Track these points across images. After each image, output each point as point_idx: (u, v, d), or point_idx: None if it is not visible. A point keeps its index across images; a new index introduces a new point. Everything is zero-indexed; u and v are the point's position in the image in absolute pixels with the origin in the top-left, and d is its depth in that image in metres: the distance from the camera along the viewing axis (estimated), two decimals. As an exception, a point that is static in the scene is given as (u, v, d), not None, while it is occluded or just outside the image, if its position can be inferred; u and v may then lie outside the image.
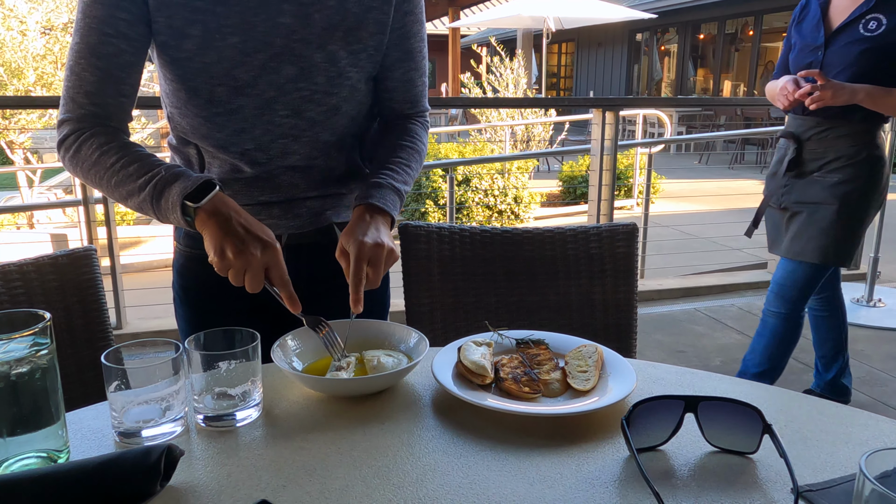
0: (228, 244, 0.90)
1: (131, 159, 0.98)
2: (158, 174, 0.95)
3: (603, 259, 1.50)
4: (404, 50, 1.14)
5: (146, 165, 0.97)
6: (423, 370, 0.99)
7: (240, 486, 0.72)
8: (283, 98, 1.05)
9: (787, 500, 0.70)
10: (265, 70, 1.03)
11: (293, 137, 1.08)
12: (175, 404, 0.82)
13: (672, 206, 6.88)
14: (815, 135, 2.31)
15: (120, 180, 0.98)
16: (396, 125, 1.21)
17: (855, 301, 3.87)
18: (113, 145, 1.00)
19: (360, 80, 1.10)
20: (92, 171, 1.00)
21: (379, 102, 1.20)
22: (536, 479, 0.74)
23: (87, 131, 1.01)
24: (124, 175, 0.97)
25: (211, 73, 1.02)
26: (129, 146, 1.01)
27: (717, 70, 14.83)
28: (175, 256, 1.24)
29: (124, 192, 0.98)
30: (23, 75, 7.93)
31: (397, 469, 0.76)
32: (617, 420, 0.86)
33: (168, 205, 0.94)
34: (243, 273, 0.90)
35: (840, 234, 2.30)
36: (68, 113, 1.02)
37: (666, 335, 3.49)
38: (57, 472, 0.67)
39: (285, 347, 0.99)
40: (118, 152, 0.99)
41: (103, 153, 0.99)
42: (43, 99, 7.08)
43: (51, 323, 0.75)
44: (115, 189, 0.99)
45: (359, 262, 0.97)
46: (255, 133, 1.07)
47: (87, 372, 1.27)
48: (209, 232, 0.92)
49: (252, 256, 0.90)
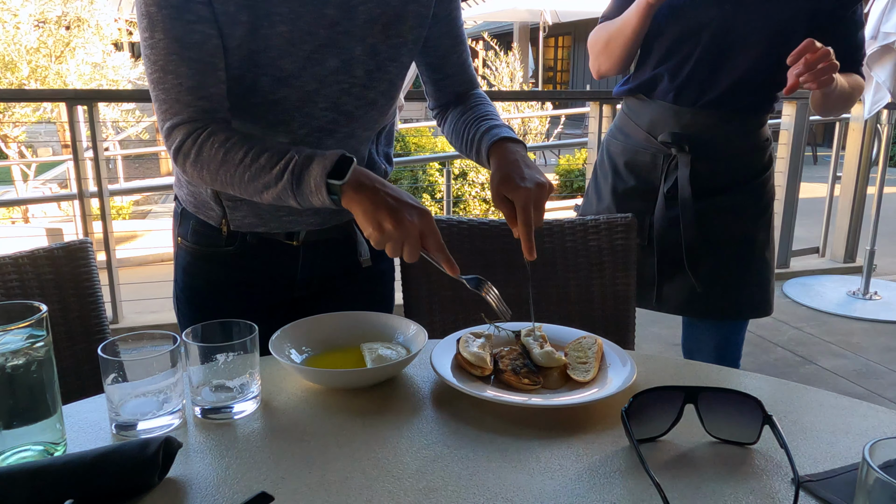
0: (384, 216, 0.87)
1: (259, 150, 0.93)
2: (292, 159, 0.92)
3: (601, 252, 1.49)
4: (454, 36, 1.15)
5: (276, 153, 0.93)
6: (422, 362, 0.99)
7: (239, 478, 0.72)
8: (324, 91, 1.04)
9: (787, 490, 0.70)
10: (310, 61, 1.01)
11: (329, 132, 1.07)
12: (173, 397, 0.82)
13: (669, 200, 6.87)
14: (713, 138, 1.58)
15: (254, 174, 0.93)
16: (459, 101, 1.21)
17: (851, 294, 3.89)
18: (235, 140, 0.95)
19: (398, 76, 1.09)
20: (221, 170, 0.95)
21: (438, 91, 1.21)
22: (537, 469, 0.74)
23: (202, 131, 0.95)
24: (257, 168, 0.93)
25: (256, 61, 0.99)
26: (249, 138, 0.96)
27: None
28: (179, 254, 1.21)
29: (260, 185, 0.94)
30: (16, 68, 7.88)
31: (397, 460, 0.75)
32: (617, 411, 0.85)
33: (310, 188, 0.91)
34: (402, 243, 0.88)
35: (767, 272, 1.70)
36: (177, 116, 0.96)
37: (663, 328, 3.49)
38: (54, 464, 0.67)
39: (283, 339, 0.98)
40: (243, 146, 0.94)
41: (228, 150, 0.94)
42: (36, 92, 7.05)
43: (47, 315, 0.74)
44: (248, 184, 0.94)
45: (527, 209, 0.96)
46: (293, 126, 1.05)
47: (83, 365, 1.27)
48: (360, 207, 0.89)
49: (410, 225, 0.87)
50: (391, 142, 1.23)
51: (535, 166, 1.02)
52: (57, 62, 8.14)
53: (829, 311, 3.68)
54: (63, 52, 8.19)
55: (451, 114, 1.21)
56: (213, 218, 1.14)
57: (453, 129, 1.18)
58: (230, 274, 1.17)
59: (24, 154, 8.62)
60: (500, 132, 1.07)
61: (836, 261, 4.45)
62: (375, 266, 1.23)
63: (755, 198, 1.65)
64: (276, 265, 1.18)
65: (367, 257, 1.16)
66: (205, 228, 1.15)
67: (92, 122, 3.13)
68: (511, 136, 1.07)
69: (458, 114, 1.18)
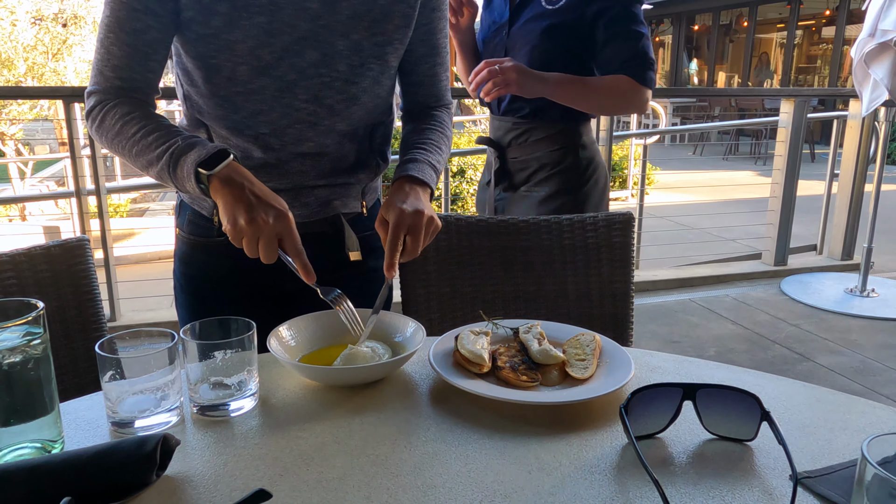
0: (240, 212, 0.89)
1: (151, 129, 0.98)
2: (175, 143, 0.95)
3: (599, 249, 1.49)
4: (430, 45, 1.16)
5: (165, 135, 0.97)
6: (420, 359, 0.99)
7: (236, 475, 0.72)
8: (304, 82, 1.05)
9: (785, 487, 0.70)
10: (288, 52, 1.02)
11: (310, 124, 1.08)
12: (170, 394, 0.82)
13: (666, 198, 6.88)
14: (515, 139, 1.85)
15: (140, 150, 0.98)
16: (422, 115, 1.22)
17: (849, 291, 3.89)
18: (135, 115, 1.00)
19: (381, 73, 1.10)
20: (115, 140, 1.01)
21: (404, 96, 1.22)
22: (535, 466, 0.74)
23: (110, 102, 1.02)
24: (144, 145, 0.98)
25: (235, 51, 1.01)
26: (150, 116, 1.01)
27: (711, 61, 14.82)
28: (177, 244, 1.24)
29: (144, 161, 0.98)
30: (13, 66, 7.87)
31: (395, 457, 0.75)
32: (615, 408, 0.85)
33: (183, 173, 0.94)
34: (256, 241, 0.89)
35: None
36: (96, 85, 1.03)
37: (660, 325, 3.50)
38: (52, 461, 0.67)
39: (281, 337, 0.98)
40: (139, 122, 0.99)
41: (125, 123, 1.00)
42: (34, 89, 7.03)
43: (44, 312, 0.74)
44: (135, 158, 0.99)
45: (396, 229, 0.97)
46: (273, 116, 1.06)
47: (80, 363, 1.26)
48: (221, 200, 0.91)
49: (264, 224, 0.89)
50: (388, 140, 1.23)
51: (427, 203, 1.04)
52: (54, 60, 8.12)
53: (826, 308, 3.69)
54: (60, 49, 8.18)
55: (406, 126, 1.23)
56: (206, 209, 1.16)
57: (399, 147, 1.20)
58: (224, 264, 1.17)
59: (21, 152, 8.60)
60: (411, 168, 1.08)
61: (833, 258, 4.46)
62: (368, 262, 1.23)
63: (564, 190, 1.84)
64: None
65: (357, 251, 1.16)
66: (199, 219, 1.18)
67: (89, 119, 3.12)
68: (418, 177, 1.07)
69: (408, 132, 1.20)
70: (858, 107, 4.06)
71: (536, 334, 0.99)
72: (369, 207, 1.24)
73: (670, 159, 9.91)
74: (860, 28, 3.36)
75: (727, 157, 10.44)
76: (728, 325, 3.50)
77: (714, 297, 3.90)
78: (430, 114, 1.23)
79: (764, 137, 10.03)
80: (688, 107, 12.00)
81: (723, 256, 4.77)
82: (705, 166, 9.67)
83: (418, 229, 0.99)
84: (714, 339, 3.34)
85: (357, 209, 1.21)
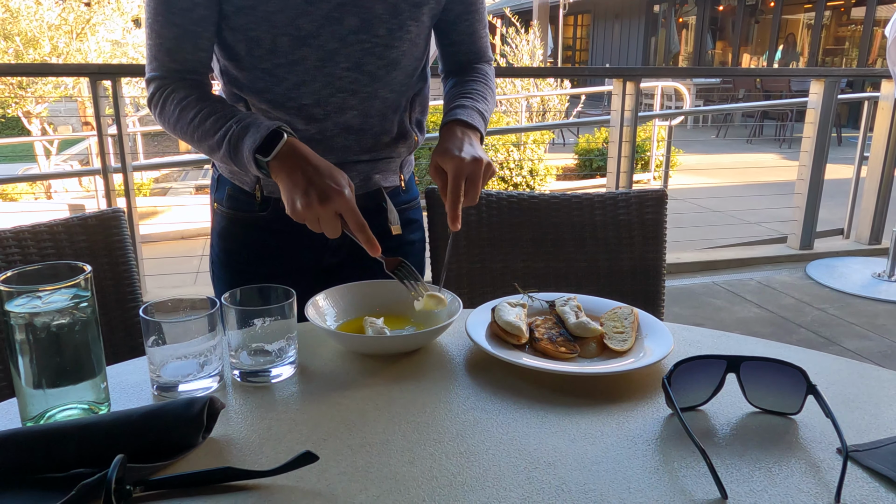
0: (297, 195, 0.89)
1: (207, 113, 0.98)
2: (230, 129, 0.95)
3: (631, 226, 1.48)
4: (466, 3, 1.15)
5: (220, 119, 0.97)
6: (456, 331, 0.99)
7: (281, 438, 0.73)
8: (345, 50, 1.04)
9: (832, 460, 0.70)
10: (328, 20, 1.01)
11: (352, 92, 1.07)
12: (212, 359, 0.82)
13: (690, 180, 6.81)
14: None
15: (200, 136, 0.99)
16: (464, 70, 1.21)
17: (876, 276, 3.83)
18: (191, 99, 1.00)
19: (419, 35, 1.09)
20: (177, 126, 1.02)
21: (445, 57, 1.21)
22: (577, 435, 0.74)
23: (168, 87, 1.02)
24: (203, 131, 0.98)
25: (274, 21, 1.00)
26: (206, 98, 1.01)
27: (735, 43, 14.56)
28: (215, 219, 1.23)
29: (206, 147, 0.99)
30: (38, 45, 7.93)
31: (436, 424, 0.75)
32: (655, 381, 0.85)
33: (244, 160, 0.94)
34: (317, 222, 0.89)
35: None
36: (153, 71, 1.04)
37: (684, 308, 3.47)
38: (102, 420, 0.68)
39: (318, 306, 0.98)
40: (196, 106, 0.99)
41: (183, 108, 1.00)
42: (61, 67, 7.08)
43: (91, 276, 0.75)
44: (198, 144, 1.00)
45: (457, 179, 0.95)
46: (315, 86, 1.06)
47: (117, 333, 1.28)
48: (280, 183, 0.92)
49: (321, 206, 0.88)
50: (425, 110, 1.22)
51: (481, 149, 1.01)
52: (78, 39, 8.17)
53: (853, 292, 3.64)
54: (84, 28, 8.22)
55: (448, 83, 1.21)
56: (248, 183, 1.15)
57: (444, 100, 1.18)
58: (264, 238, 1.17)
59: (47, 131, 8.69)
60: (458, 113, 1.06)
61: (861, 242, 4.39)
62: (405, 235, 1.23)
63: None
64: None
65: (398, 224, 1.16)
66: (240, 194, 1.17)
67: (115, 96, 3.14)
68: (467, 121, 1.05)
69: (451, 85, 1.19)
70: (891, 87, 3.97)
71: (573, 307, 0.98)
72: (406, 181, 1.24)
73: (693, 141, 9.78)
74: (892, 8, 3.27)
75: (751, 140, 10.28)
76: (753, 309, 3.47)
77: (738, 280, 3.86)
78: (472, 68, 1.21)
79: (790, 120, 9.86)
80: (711, 88, 11.82)
81: (747, 240, 4.71)
82: (729, 149, 9.53)
83: (477, 177, 0.97)
84: (738, 322, 3.31)
85: (396, 183, 1.21)
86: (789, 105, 8.59)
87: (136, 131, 7.89)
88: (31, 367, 0.72)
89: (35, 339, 0.71)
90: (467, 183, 0.96)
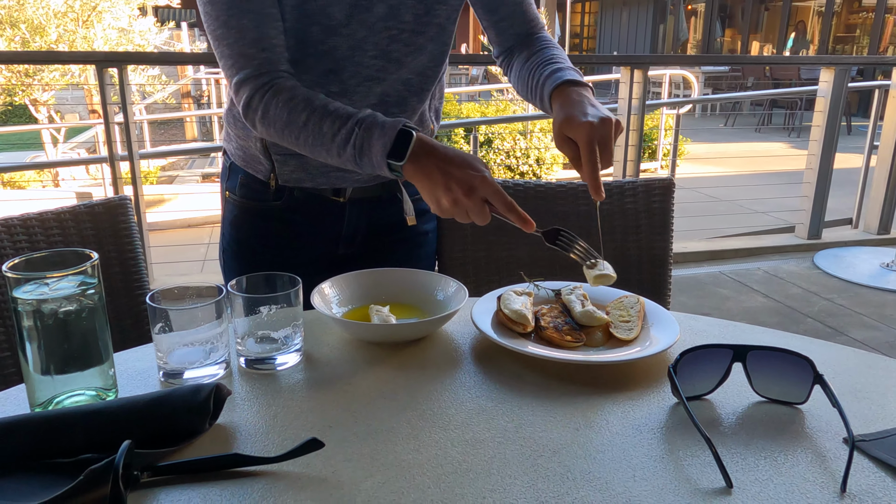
0: (440, 193, 0.87)
1: (321, 115, 0.93)
2: (353, 133, 0.91)
3: (638, 214, 1.47)
4: None
5: (336, 121, 0.93)
6: (462, 319, 0.99)
7: (287, 426, 0.73)
8: (373, 38, 1.03)
9: (838, 450, 0.69)
10: (357, 8, 1.00)
11: (378, 80, 1.06)
12: (219, 346, 0.83)
13: (697, 169, 6.77)
14: None
15: (317, 141, 0.94)
16: (524, 45, 1.16)
17: (885, 266, 3.81)
18: (298, 101, 0.94)
19: (447, 19, 1.08)
20: (286, 131, 0.96)
21: (497, 36, 1.18)
22: (583, 424, 0.74)
23: (268, 88, 0.96)
24: (320, 136, 0.93)
25: (306, 11, 0.99)
26: (312, 99, 0.95)
27: (745, 30, 14.42)
28: (226, 208, 1.22)
29: (323, 151, 0.95)
30: (44, 32, 7.92)
31: (442, 413, 0.76)
32: (660, 370, 0.85)
33: (372, 164, 0.91)
34: (465, 215, 0.88)
35: None
36: (242, 70, 0.96)
37: (691, 297, 3.47)
38: (109, 407, 0.68)
39: (324, 294, 0.98)
40: (305, 108, 0.94)
41: (291, 110, 0.94)
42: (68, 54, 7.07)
43: (98, 262, 0.75)
44: (312, 148, 0.96)
45: (590, 146, 0.90)
46: (343, 76, 1.04)
47: (124, 320, 1.29)
48: (418, 184, 0.89)
49: (466, 199, 0.86)
50: (442, 97, 1.21)
51: (601, 106, 0.96)
52: (84, 27, 8.16)
53: (861, 282, 3.62)
54: (90, 16, 8.21)
55: (516, 60, 1.16)
56: (262, 172, 1.14)
57: (518, 76, 1.14)
58: (276, 228, 1.17)
59: (54, 118, 8.70)
60: (563, 75, 1.02)
61: (869, 232, 4.36)
62: (419, 226, 1.22)
63: None
64: (322, 221, 1.18)
65: (412, 215, 1.16)
66: (253, 182, 1.16)
67: (122, 84, 3.14)
68: (576, 79, 1.01)
69: (523, 59, 1.14)
70: (902, 76, 3.93)
71: (579, 296, 0.98)
72: None
73: (701, 130, 9.72)
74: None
75: (759, 129, 10.21)
76: (759, 298, 3.46)
77: (745, 269, 3.85)
78: (532, 39, 1.16)
79: (799, 108, 9.77)
80: (720, 77, 11.73)
81: (754, 229, 4.69)
82: (737, 138, 9.47)
83: (608, 139, 0.91)
84: (745, 311, 3.30)
85: None
86: (798, 93, 8.51)
87: (142, 119, 7.89)
88: (39, 354, 0.72)
89: (43, 325, 0.71)
90: (599, 147, 0.91)
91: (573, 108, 0.95)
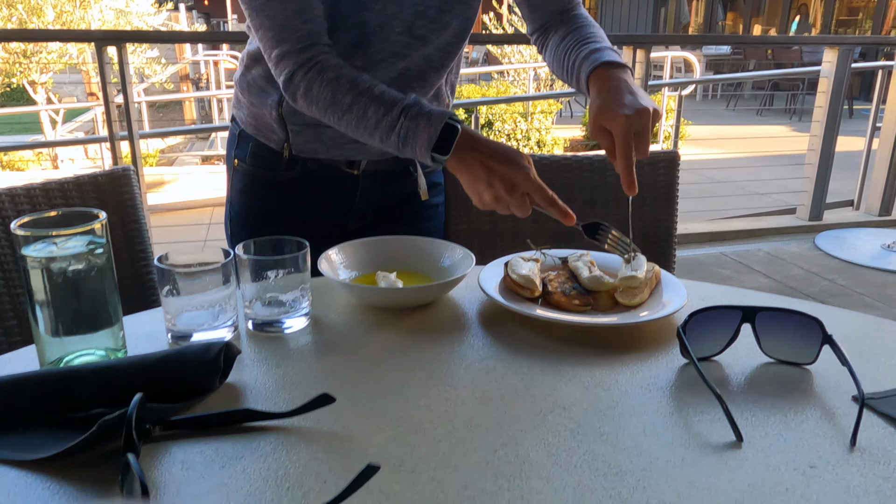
0: (482, 188, 0.87)
1: (368, 99, 0.93)
2: (398, 121, 0.91)
3: (643, 187, 1.46)
4: None
5: (381, 106, 0.92)
6: (468, 286, 0.98)
7: (297, 384, 0.73)
8: (401, 14, 1.01)
9: (848, 407, 0.70)
10: None
11: (402, 56, 1.05)
12: (227, 309, 0.83)
13: (699, 152, 6.75)
14: None
15: (360, 125, 0.94)
16: (560, 23, 1.13)
17: (886, 247, 3.81)
18: (343, 81, 0.93)
19: None
20: (329, 111, 0.95)
21: (531, 14, 1.15)
22: (591, 383, 0.74)
23: (312, 64, 0.94)
24: (364, 120, 0.93)
25: None
26: (357, 82, 0.94)
27: (747, 13, 14.32)
28: (234, 178, 1.20)
29: (365, 135, 0.95)
30: (42, 13, 7.86)
31: (451, 373, 0.76)
32: (669, 333, 0.85)
33: (415, 154, 0.92)
34: (507, 208, 0.88)
35: None
36: (284, 44, 0.94)
37: (693, 278, 3.45)
38: (120, 364, 0.68)
39: (331, 260, 0.98)
40: (351, 90, 0.93)
41: (334, 90, 0.93)
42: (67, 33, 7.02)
43: (106, 222, 0.74)
44: (355, 131, 0.95)
45: (626, 139, 0.88)
46: (370, 51, 1.03)
47: (129, 290, 1.28)
48: (461, 177, 0.90)
49: (508, 194, 0.86)
50: (458, 71, 1.20)
51: (640, 92, 0.93)
52: (81, 7, 8.09)
53: (862, 263, 3.62)
54: (87, -3, 8.15)
55: (551, 39, 1.13)
56: (275, 141, 1.13)
57: (554, 55, 1.10)
58: (287, 199, 1.16)
59: (53, 100, 8.66)
60: (601, 56, 0.98)
61: (871, 213, 4.36)
62: (429, 199, 1.22)
63: None
64: (335, 193, 1.17)
65: (425, 190, 1.15)
66: (265, 152, 1.14)
67: (121, 63, 3.12)
68: (615, 61, 0.97)
69: (559, 38, 1.10)
70: (906, 56, 3.91)
71: (587, 262, 0.98)
72: None
73: (703, 112, 9.68)
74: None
75: (761, 112, 10.17)
76: (760, 279, 3.46)
77: (747, 250, 3.85)
78: (569, 17, 1.12)
79: (801, 90, 9.73)
80: (722, 60, 11.66)
81: (756, 211, 4.68)
82: (739, 121, 9.43)
83: (646, 130, 0.89)
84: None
85: None
86: (801, 74, 8.46)
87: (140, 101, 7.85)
88: (48, 314, 0.72)
89: (52, 284, 0.71)
90: (636, 138, 0.88)
91: (611, 95, 0.92)
